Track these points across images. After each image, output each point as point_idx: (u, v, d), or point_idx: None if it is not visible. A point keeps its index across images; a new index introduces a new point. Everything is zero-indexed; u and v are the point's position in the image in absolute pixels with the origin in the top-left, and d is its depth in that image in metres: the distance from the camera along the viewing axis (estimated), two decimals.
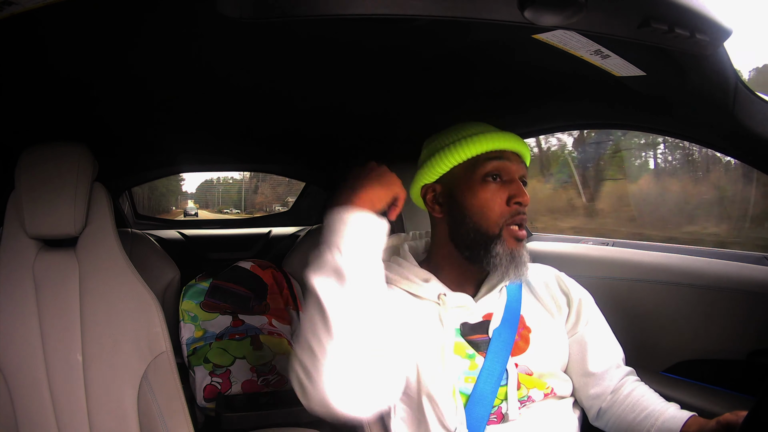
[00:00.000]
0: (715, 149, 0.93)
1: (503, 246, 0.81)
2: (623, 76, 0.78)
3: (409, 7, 0.51)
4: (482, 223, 0.82)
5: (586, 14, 0.52)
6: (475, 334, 0.83)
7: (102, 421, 0.99)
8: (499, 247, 0.81)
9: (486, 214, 0.82)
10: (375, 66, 0.96)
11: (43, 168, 1.01)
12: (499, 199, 0.82)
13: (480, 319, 0.85)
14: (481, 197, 0.82)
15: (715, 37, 0.61)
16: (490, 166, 0.83)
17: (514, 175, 0.84)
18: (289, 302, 1.79)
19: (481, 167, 0.83)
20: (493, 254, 0.81)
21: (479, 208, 0.83)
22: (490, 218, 0.82)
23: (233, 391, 1.51)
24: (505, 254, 0.81)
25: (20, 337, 0.98)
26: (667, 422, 0.77)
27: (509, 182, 0.83)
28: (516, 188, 0.82)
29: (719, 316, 0.93)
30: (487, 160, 0.83)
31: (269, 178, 8.84)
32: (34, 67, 0.90)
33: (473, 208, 0.83)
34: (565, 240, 1.43)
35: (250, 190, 10.36)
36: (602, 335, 0.89)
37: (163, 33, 0.79)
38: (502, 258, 0.81)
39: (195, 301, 1.68)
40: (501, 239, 0.81)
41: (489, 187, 0.83)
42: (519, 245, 0.83)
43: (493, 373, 0.80)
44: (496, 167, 0.83)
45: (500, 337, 0.83)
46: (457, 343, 0.82)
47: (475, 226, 0.83)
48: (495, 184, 0.83)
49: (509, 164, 0.84)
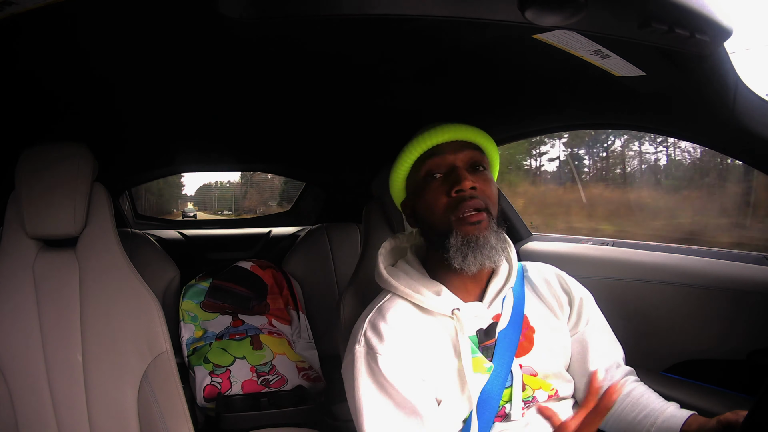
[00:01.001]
0: (715, 149, 0.93)
1: (455, 237, 0.79)
2: (623, 76, 0.78)
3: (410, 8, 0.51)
4: (434, 221, 0.82)
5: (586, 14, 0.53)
6: (487, 339, 0.83)
7: (102, 421, 0.99)
8: (452, 239, 0.79)
9: (433, 212, 0.82)
10: (375, 66, 0.96)
11: (43, 168, 1.01)
12: (441, 194, 0.81)
13: (491, 322, 0.84)
14: (426, 197, 0.83)
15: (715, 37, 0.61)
16: (424, 167, 0.84)
17: (454, 163, 0.82)
18: (289, 302, 1.79)
19: (420, 170, 0.85)
20: (448, 247, 0.79)
21: (427, 207, 0.83)
22: (437, 214, 0.81)
23: (233, 391, 1.51)
24: (459, 243, 0.79)
25: (20, 337, 0.98)
26: (666, 421, 0.77)
27: (449, 173, 0.82)
28: (453, 178, 0.80)
29: (719, 316, 0.93)
30: (423, 161, 0.84)
31: (256, 185, 10.01)
32: (34, 67, 0.90)
33: (424, 209, 0.84)
34: (565, 240, 1.43)
35: (240, 195, 11.07)
36: (603, 335, 0.89)
37: (163, 33, 0.79)
38: (457, 248, 0.79)
39: (195, 301, 1.68)
40: (452, 231, 0.79)
41: (431, 186, 0.83)
42: (474, 228, 0.79)
43: (499, 375, 0.80)
44: (431, 165, 0.83)
45: (505, 339, 0.82)
46: (475, 359, 0.80)
47: (429, 226, 0.84)
48: (436, 180, 0.83)
49: (445, 156, 0.83)
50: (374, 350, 0.79)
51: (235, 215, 9.42)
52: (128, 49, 0.84)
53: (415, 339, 0.80)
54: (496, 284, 0.86)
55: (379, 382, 0.78)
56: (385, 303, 0.85)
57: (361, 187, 1.43)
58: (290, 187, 3.37)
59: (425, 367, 0.79)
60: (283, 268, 1.86)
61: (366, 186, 1.27)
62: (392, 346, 0.79)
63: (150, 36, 0.79)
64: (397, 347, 0.79)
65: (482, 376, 0.79)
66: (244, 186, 11.29)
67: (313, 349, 1.73)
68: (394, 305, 0.84)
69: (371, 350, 0.79)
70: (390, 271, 0.88)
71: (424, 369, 0.78)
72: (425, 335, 0.81)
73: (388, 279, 0.86)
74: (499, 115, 1.23)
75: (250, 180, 10.38)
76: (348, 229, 1.97)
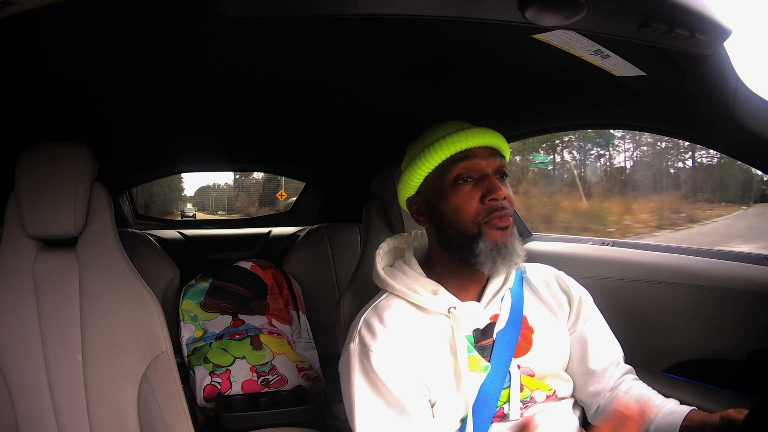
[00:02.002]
0: (715, 149, 0.93)
1: (485, 242, 0.79)
2: (623, 76, 0.78)
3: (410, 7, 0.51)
4: (461, 225, 0.81)
5: (586, 14, 0.52)
6: (484, 339, 0.83)
7: (102, 420, 0.99)
8: (481, 244, 0.79)
9: (462, 217, 0.81)
10: (375, 66, 0.96)
11: (43, 168, 1.01)
12: (473, 199, 0.80)
13: (488, 322, 0.84)
14: (454, 201, 0.81)
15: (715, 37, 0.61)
16: (457, 169, 0.81)
17: (486, 170, 0.81)
18: (289, 302, 1.79)
19: (450, 172, 0.82)
20: (477, 252, 0.79)
21: (454, 212, 0.81)
22: (466, 219, 0.80)
23: (233, 391, 1.51)
24: (489, 249, 0.79)
25: (20, 337, 0.98)
26: (666, 416, 0.77)
27: (481, 180, 0.81)
28: (488, 185, 0.80)
29: (719, 316, 0.93)
30: (453, 163, 0.82)
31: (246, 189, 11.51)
32: (34, 67, 0.90)
33: (449, 213, 0.82)
34: (565, 240, 1.43)
35: (233, 197, 12.31)
36: (602, 333, 0.89)
37: (164, 33, 0.79)
38: (487, 253, 0.79)
39: (195, 301, 1.68)
40: (482, 236, 0.79)
41: (461, 190, 0.81)
42: (504, 235, 0.80)
43: (497, 375, 0.80)
44: (463, 169, 0.81)
45: (504, 339, 0.82)
46: (471, 358, 0.81)
47: (455, 230, 0.82)
48: (467, 185, 0.81)
49: (478, 162, 0.81)
50: (367, 348, 0.80)
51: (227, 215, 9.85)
52: (128, 49, 0.84)
53: (410, 337, 0.80)
54: (495, 285, 0.86)
55: (371, 380, 0.78)
56: (382, 302, 0.85)
57: (361, 187, 1.43)
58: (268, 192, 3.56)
59: (421, 366, 0.79)
60: (283, 268, 1.86)
61: (366, 186, 1.27)
62: (386, 345, 0.79)
63: (151, 36, 0.79)
64: (391, 345, 0.79)
65: (478, 375, 0.80)
66: (236, 189, 13.05)
67: (313, 349, 1.73)
68: (391, 304, 0.84)
69: (365, 348, 0.80)
70: (387, 271, 0.88)
71: (419, 367, 0.79)
72: (421, 334, 0.81)
73: (384, 278, 0.86)
74: (498, 116, 1.23)
75: (241, 185, 12.49)
76: (348, 229, 1.97)
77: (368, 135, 1.50)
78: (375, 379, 0.78)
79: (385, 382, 0.77)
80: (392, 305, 0.84)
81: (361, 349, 0.80)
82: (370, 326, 0.82)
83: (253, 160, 2.15)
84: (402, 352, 0.79)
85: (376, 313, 0.83)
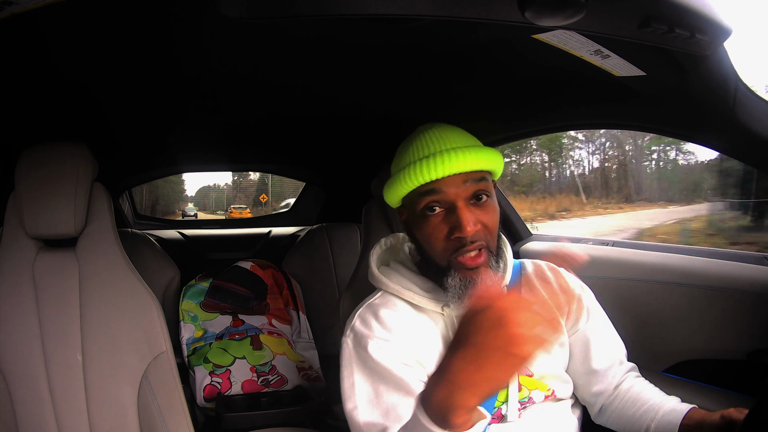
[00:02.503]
0: (715, 149, 0.93)
1: (454, 278, 0.76)
2: (623, 76, 0.78)
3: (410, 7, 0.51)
4: (431, 254, 0.79)
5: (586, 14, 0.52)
6: None
7: (102, 420, 0.99)
8: (450, 280, 0.76)
9: (432, 247, 0.78)
10: (375, 66, 0.96)
11: (43, 168, 1.01)
12: (441, 233, 0.77)
13: None
14: (424, 231, 0.78)
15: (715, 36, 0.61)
16: (424, 201, 0.77)
17: (456, 202, 0.76)
18: (289, 302, 1.79)
19: (417, 203, 0.78)
20: (446, 286, 0.77)
21: (425, 241, 0.79)
22: (435, 251, 0.78)
23: (233, 391, 1.51)
24: (457, 285, 0.76)
25: (20, 337, 0.98)
26: (667, 415, 0.77)
27: (451, 212, 0.76)
28: (455, 220, 0.75)
29: (719, 316, 0.93)
30: (420, 196, 0.78)
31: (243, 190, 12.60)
32: (34, 67, 0.90)
33: (421, 240, 0.80)
34: (565, 240, 1.43)
35: (232, 197, 13.14)
36: (604, 331, 0.89)
37: (164, 33, 0.79)
38: (456, 289, 0.76)
39: (195, 301, 1.68)
40: (451, 271, 0.77)
41: (429, 221, 0.77)
42: (473, 273, 0.76)
43: None
44: (431, 201, 0.77)
45: None
46: None
47: (427, 256, 0.81)
48: (436, 217, 0.77)
49: (444, 193, 0.76)
50: (363, 337, 0.79)
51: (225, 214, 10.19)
52: (128, 49, 0.84)
53: (405, 334, 0.80)
54: None
55: (369, 367, 0.77)
56: (377, 300, 0.85)
57: (361, 187, 1.43)
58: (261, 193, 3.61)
59: (417, 362, 0.78)
60: (283, 268, 1.86)
61: (366, 186, 1.27)
62: (382, 334, 0.79)
63: (151, 36, 0.79)
64: (387, 335, 0.79)
65: None
66: (235, 190, 14.18)
67: (313, 349, 1.73)
68: (386, 302, 0.84)
69: (360, 338, 0.79)
70: (382, 270, 0.88)
71: (415, 362, 0.78)
72: (416, 331, 0.80)
73: (379, 277, 0.86)
74: (498, 115, 1.23)
75: (239, 185, 13.82)
76: (348, 229, 1.97)
77: (368, 135, 1.50)
78: (373, 365, 0.76)
79: (385, 365, 0.76)
80: (387, 303, 0.83)
81: (356, 341, 0.80)
82: (365, 321, 0.81)
83: (253, 160, 2.15)
84: (398, 343, 0.78)
85: (371, 310, 0.83)
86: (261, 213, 12.19)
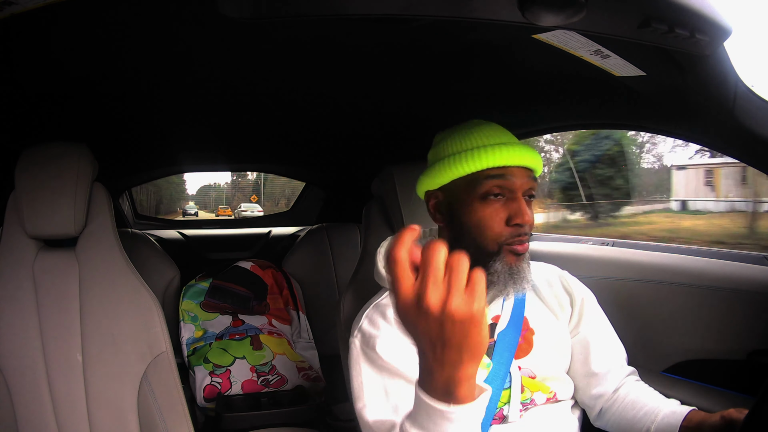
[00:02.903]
0: (715, 149, 0.93)
1: (502, 263, 0.78)
2: (623, 76, 0.78)
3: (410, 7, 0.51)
4: (480, 240, 0.79)
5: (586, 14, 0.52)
6: None
7: (102, 420, 0.99)
8: (498, 265, 0.78)
9: (484, 233, 0.79)
10: (375, 66, 0.96)
11: (43, 168, 1.01)
12: (499, 218, 0.78)
13: (489, 322, 0.84)
14: (479, 215, 0.79)
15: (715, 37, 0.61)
16: (490, 184, 0.78)
17: (518, 192, 0.79)
18: (289, 302, 1.79)
19: (482, 185, 0.79)
20: (491, 271, 0.78)
21: (477, 225, 0.79)
22: (488, 236, 0.79)
23: (233, 391, 1.51)
24: (504, 271, 0.78)
25: (20, 337, 0.98)
26: (667, 417, 0.77)
27: (511, 200, 0.79)
28: (516, 208, 0.78)
29: (719, 316, 0.93)
30: (487, 178, 0.79)
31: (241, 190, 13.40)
32: (34, 67, 0.90)
33: (471, 224, 0.80)
34: (565, 240, 1.43)
35: (231, 197, 13.94)
36: (605, 335, 0.89)
37: (163, 33, 0.79)
38: (500, 274, 0.78)
39: (195, 301, 1.68)
40: (500, 256, 0.78)
41: (489, 206, 0.79)
42: (519, 260, 0.79)
43: (497, 375, 0.80)
44: (496, 186, 0.79)
45: (504, 340, 0.82)
46: None
47: (473, 242, 0.80)
48: (496, 202, 0.79)
49: (512, 181, 0.79)
50: (371, 337, 0.79)
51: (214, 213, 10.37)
52: (128, 49, 0.84)
53: None
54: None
55: (378, 365, 0.77)
56: (383, 300, 0.85)
57: (361, 187, 1.43)
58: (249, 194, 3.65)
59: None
60: (283, 268, 1.86)
61: (366, 186, 1.27)
62: (389, 334, 0.79)
63: (150, 36, 0.79)
64: (395, 335, 0.79)
65: (481, 371, 0.79)
66: (233, 189, 15.08)
67: (313, 349, 1.73)
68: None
69: (367, 338, 0.80)
70: None
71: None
72: None
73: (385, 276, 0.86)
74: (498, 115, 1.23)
75: (237, 185, 14.45)
76: (348, 229, 1.97)
77: (368, 135, 1.50)
78: (382, 363, 0.77)
79: (393, 364, 0.76)
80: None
81: (364, 341, 0.80)
82: (373, 321, 0.82)
83: (253, 160, 2.15)
84: (404, 343, 0.78)
85: (378, 310, 0.83)
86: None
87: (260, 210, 8.60)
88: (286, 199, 12.26)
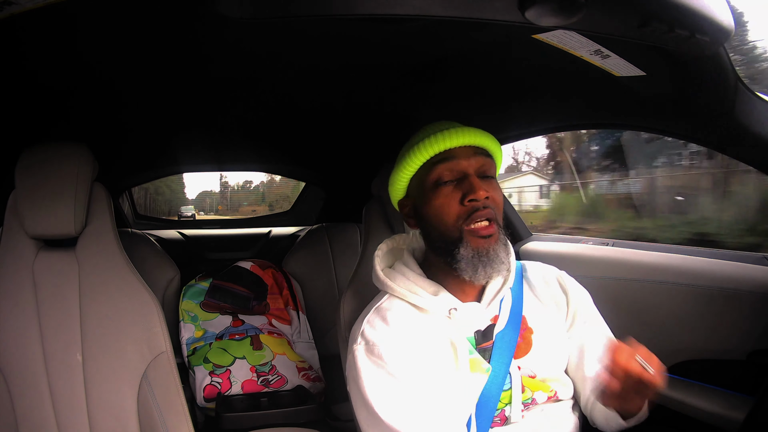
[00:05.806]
0: (715, 149, 0.93)
1: (466, 248, 0.78)
2: (623, 76, 0.78)
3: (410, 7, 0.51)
4: (442, 229, 0.80)
5: (586, 14, 0.52)
6: (485, 341, 0.82)
7: (102, 421, 0.99)
8: (462, 250, 0.78)
9: (443, 219, 0.80)
10: (375, 65, 0.96)
11: (43, 168, 1.01)
12: (453, 201, 0.79)
13: (489, 323, 0.84)
14: (435, 203, 0.80)
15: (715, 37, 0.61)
16: (438, 170, 0.80)
17: (467, 170, 0.80)
18: (289, 302, 1.79)
19: (430, 174, 0.81)
20: (458, 258, 0.78)
21: (436, 214, 0.80)
22: (447, 222, 0.79)
23: (233, 391, 1.51)
24: (470, 255, 0.78)
25: (20, 337, 0.98)
26: None
27: (462, 180, 0.80)
28: (468, 185, 0.78)
29: (719, 316, 0.93)
30: (432, 165, 0.81)
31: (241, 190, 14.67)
32: (35, 67, 0.90)
33: (431, 214, 0.81)
34: (565, 240, 1.43)
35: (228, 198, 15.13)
36: (600, 338, 0.89)
37: (163, 33, 0.79)
38: (468, 260, 0.78)
39: (195, 301, 1.68)
40: (463, 241, 0.78)
41: (441, 192, 0.80)
42: (486, 242, 0.78)
43: (497, 376, 0.80)
44: (443, 170, 0.80)
45: (503, 340, 0.82)
46: (472, 360, 0.80)
47: (438, 233, 0.81)
48: (447, 187, 0.80)
49: (458, 162, 0.80)
50: (374, 344, 0.79)
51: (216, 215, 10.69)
52: (127, 49, 0.84)
53: (413, 338, 0.80)
54: (495, 285, 0.86)
55: (383, 370, 0.77)
56: (383, 304, 0.85)
57: (361, 187, 1.43)
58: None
59: (423, 366, 0.78)
60: (283, 268, 1.86)
61: (366, 186, 1.27)
62: (391, 338, 0.79)
63: (149, 36, 0.79)
64: (397, 339, 0.79)
65: (481, 376, 0.79)
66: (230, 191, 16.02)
67: (313, 349, 1.73)
68: (392, 306, 0.84)
69: (370, 345, 0.79)
70: (387, 273, 0.88)
71: (422, 367, 0.78)
72: (423, 335, 0.80)
73: (384, 280, 0.86)
74: (498, 116, 1.23)
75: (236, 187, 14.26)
76: (348, 229, 1.97)
77: (368, 134, 1.50)
78: (385, 367, 0.77)
79: (397, 368, 0.76)
80: (393, 307, 0.83)
81: (367, 347, 0.80)
82: (374, 326, 0.81)
83: (253, 160, 2.15)
84: (407, 347, 0.78)
85: (378, 315, 0.83)
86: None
87: (193, 212, 9.07)
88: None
